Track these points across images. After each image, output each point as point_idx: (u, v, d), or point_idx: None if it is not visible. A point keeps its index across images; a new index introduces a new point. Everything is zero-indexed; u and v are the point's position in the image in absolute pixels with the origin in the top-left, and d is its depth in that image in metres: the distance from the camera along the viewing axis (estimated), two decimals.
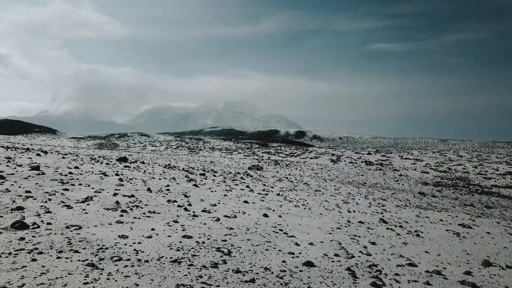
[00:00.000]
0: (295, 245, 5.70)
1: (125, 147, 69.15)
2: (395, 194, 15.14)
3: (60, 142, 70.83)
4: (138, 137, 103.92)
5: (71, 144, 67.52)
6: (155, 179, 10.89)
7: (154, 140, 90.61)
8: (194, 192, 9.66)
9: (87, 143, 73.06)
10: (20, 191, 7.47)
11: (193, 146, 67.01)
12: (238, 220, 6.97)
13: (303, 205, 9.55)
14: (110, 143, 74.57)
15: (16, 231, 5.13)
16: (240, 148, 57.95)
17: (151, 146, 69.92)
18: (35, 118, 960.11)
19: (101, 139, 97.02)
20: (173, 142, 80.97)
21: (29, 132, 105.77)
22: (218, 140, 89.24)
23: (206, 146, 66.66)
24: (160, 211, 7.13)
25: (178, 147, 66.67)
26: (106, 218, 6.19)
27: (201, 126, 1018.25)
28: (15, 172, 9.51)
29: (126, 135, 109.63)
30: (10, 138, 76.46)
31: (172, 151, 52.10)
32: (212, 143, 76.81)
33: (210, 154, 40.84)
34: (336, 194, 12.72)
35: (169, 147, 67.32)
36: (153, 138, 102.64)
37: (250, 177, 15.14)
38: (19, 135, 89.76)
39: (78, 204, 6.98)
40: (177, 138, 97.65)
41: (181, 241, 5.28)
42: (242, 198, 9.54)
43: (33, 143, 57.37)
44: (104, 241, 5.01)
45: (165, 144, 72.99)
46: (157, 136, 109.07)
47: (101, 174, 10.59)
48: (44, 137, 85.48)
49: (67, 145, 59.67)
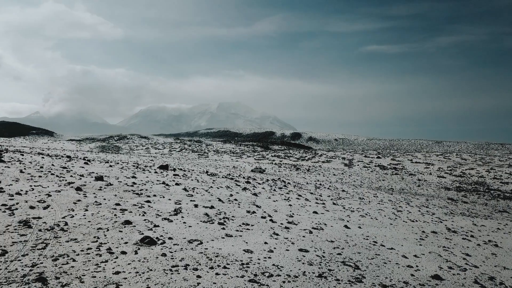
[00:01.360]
0: (403, 258, 6.00)
1: (128, 149, 68.94)
2: (429, 201, 15.51)
3: (62, 145, 70.38)
4: (138, 140, 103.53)
5: (73, 147, 67.13)
6: (213, 188, 11.13)
7: (154, 143, 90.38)
8: (260, 201, 9.92)
9: (89, 146, 72.66)
10: (111, 204, 7.68)
11: (197, 149, 67.03)
12: (327, 232, 7.25)
13: (367, 215, 9.84)
14: (112, 146, 74.23)
15: (149, 247, 5.37)
16: (246, 151, 58.15)
17: (154, 149, 69.78)
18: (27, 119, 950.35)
19: (101, 141, 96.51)
20: (174, 144, 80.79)
21: (26, 134, 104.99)
22: (219, 143, 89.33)
23: (210, 149, 66.74)
24: (250, 223, 7.38)
25: (182, 149, 66.64)
26: (213, 232, 6.43)
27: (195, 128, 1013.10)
28: (84, 183, 9.70)
29: (126, 137, 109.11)
30: (11, 140, 75.88)
31: (177, 154, 52.13)
32: (215, 145, 76.86)
33: (221, 158, 41.01)
34: (383, 202, 13.04)
35: (173, 149, 67.25)
36: (153, 140, 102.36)
37: (289, 184, 15.43)
38: (17, 138, 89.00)
39: (173, 216, 7.22)
40: (176, 141, 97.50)
41: (304, 255, 5.56)
42: (307, 208, 9.81)
43: (37, 146, 57.06)
44: (236, 255, 5.26)
45: (168, 147, 72.88)
46: (156, 138, 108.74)
47: (161, 184, 10.80)
48: (44, 140, 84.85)
49: (71, 149, 59.42)
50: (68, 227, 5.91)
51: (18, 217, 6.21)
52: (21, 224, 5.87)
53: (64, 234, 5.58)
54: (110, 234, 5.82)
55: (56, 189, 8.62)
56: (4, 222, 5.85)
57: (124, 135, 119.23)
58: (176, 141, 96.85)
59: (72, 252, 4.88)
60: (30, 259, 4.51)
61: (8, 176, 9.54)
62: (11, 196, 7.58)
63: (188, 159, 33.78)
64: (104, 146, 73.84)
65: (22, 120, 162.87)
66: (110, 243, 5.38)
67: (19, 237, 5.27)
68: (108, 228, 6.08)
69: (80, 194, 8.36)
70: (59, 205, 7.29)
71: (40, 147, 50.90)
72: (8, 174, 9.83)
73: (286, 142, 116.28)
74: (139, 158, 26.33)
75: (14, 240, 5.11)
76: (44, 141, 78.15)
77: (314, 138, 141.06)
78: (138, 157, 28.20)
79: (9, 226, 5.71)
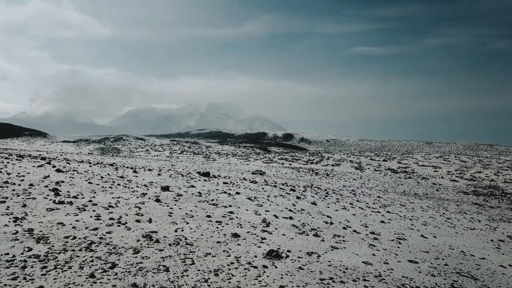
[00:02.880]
0: (502, 267, 6.49)
1: (128, 152, 68.65)
2: (460, 206, 16.13)
3: (61, 147, 69.77)
4: (134, 141, 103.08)
5: (72, 149, 66.61)
6: (271, 197, 11.51)
7: (151, 144, 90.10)
8: (324, 211, 10.33)
9: (88, 148, 72.15)
10: (202, 216, 8.01)
11: (198, 151, 67.08)
12: (413, 242, 7.70)
13: (426, 223, 10.27)
14: (111, 148, 73.83)
15: (279, 260, 5.75)
16: (249, 154, 58.46)
17: (154, 151, 69.56)
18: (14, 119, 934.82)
19: (97, 143, 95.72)
20: (172, 146, 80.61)
21: (19, 135, 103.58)
22: (216, 144, 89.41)
23: (212, 151, 66.88)
24: (339, 234, 7.79)
25: (183, 152, 66.61)
26: (317, 244, 6.82)
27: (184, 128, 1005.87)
28: (157, 194, 10.00)
29: (121, 138, 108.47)
30: (8, 142, 75.00)
31: (183, 156, 52.20)
32: (214, 147, 77.04)
33: (229, 161, 41.32)
34: (425, 209, 13.57)
35: (173, 152, 67.18)
36: (149, 141, 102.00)
37: (325, 190, 15.89)
38: (13, 139, 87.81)
39: (267, 228, 7.57)
40: (173, 142, 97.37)
41: (418, 266, 6.00)
42: (369, 217, 10.23)
43: (39, 149, 56.51)
44: (362, 267, 5.67)
45: (168, 149, 72.75)
46: (152, 140, 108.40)
47: (223, 193, 11.12)
48: (41, 142, 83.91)
49: (71, 151, 59.02)
50: (190, 241, 6.25)
51: (136, 231, 6.52)
52: (147, 238, 6.19)
53: (195, 248, 5.92)
54: (231, 247, 6.18)
55: (140, 201, 8.91)
56: (131, 237, 6.16)
57: (120, 136, 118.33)
58: (172, 142, 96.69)
59: (221, 266, 5.24)
60: (195, 274, 4.87)
61: (83, 188, 9.80)
62: (107, 208, 7.87)
63: (199, 163, 33.99)
64: (103, 148, 73.41)
65: (8, 121, 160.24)
66: (242, 256, 5.75)
67: (159, 252, 5.60)
68: (225, 242, 6.43)
69: (164, 206, 8.67)
70: (158, 217, 7.61)
71: (45, 150, 50.51)
72: (80, 185, 10.08)
73: (280, 143, 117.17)
74: (154, 162, 26.50)
75: (160, 255, 5.44)
76: (42, 143, 77.35)
77: (306, 139, 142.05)
78: (147, 161, 28.34)
79: (139, 241, 6.03)
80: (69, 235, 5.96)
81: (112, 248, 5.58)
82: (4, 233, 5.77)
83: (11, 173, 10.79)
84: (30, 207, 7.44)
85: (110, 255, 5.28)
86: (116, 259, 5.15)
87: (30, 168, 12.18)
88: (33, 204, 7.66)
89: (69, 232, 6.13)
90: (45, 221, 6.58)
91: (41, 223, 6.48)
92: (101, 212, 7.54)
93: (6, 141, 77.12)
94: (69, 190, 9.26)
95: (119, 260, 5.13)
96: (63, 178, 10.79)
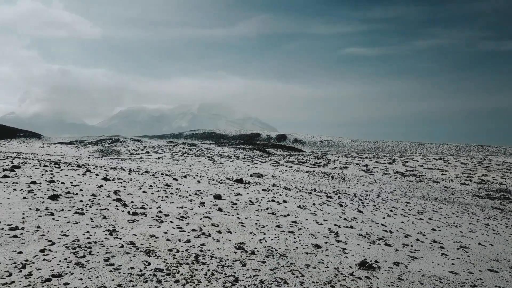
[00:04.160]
0: None
1: (128, 154, 68.53)
2: (485, 211, 16.63)
3: (60, 149, 69.26)
4: (132, 143, 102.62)
5: (72, 151, 66.19)
6: (316, 204, 11.86)
7: (149, 146, 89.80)
8: (374, 219, 10.70)
9: (87, 150, 71.70)
10: (273, 226, 8.32)
11: (199, 153, 67.19)
12: (478, 252, 8.05)
13: (471, 230, 10.76)
14: (111, 150, 73.47)
15: (373, 270, 6.07)
16: (251, 156, 58.78)
17: (154, 153, 69.48)
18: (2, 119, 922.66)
19: (94, 144, 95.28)
20: (172, 148, 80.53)
21: (14, 136, 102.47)
22: (214, 145, 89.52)
23: (213, 153, 67.06)
24: (408, 243, 8.15)
25: (184, 154, 66.67)
26: (395, 253, 7.16)
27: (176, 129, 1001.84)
28: (214, 202, 10.28)
29: (118, 140, 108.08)
30: (6, 144, 74.20)
31: (189, 159, 52.27)
32: (214, 149, 77.15)
33: (235, 164, 41.56)
34: (455, 215, 14.04)
35: (174, 154, 67.21)
36: (146, 143, 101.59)
37: (354, 196, 16.30)
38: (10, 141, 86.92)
39: (338, 238, 7.91)
40: (171, 144, 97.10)
41: (501, 276, 6.37)
42: (416, 224, 10.66)
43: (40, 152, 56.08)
44: (458, 278, 6.02)
45: (168, 151, 72.75)
46: (149, 142, 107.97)
47: (272, 201, 11.43)
48: (38, 143, 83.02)
49: (71, 154, 58.91)
50: (281, 252, 6.53)
51: (226, 243, 6.77)
52: (241, 250, 6.46)
53: (291, 259, 6.20)
54: (322, 258, 6.48)
55: (205, 210, 9.16)
56: (226, 249, 6.42)
57: (116, 138, 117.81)
58: (170, 144, 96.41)
59: (329, 277, 5.55)
60: (314, 286, 5.17)
61: (142, 197, 10.00)
62: (181, 219, 8.12)
63: (211, 167, 34.20)
64: (103, 150, 73.04)
65: None
66: (340, 267, 6.06)
67: (263, 264, 5.88)
68: (312, 252, 6.73)
69: (229, 216, 8.93)
70: (233, 228, 7.88)
71: (46, 153, 50.26)
72: (138, 195, 10.27)
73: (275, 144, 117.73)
74: (170, 167, 26.68)
75: (268, 267, 5.73)
76: (40, 145, 76.57)
77: (300, 140, 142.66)
78: (162, 165, 28.51)
79: (236, 253, 6.30)
80: (171, 248, 6.22)
81: (219, 260, 5.85)
82: (111, 246, 6.00)
83: (64, 182, 10.96)
84: (111, 219, 7.66)
85: (223, 268, 5.55)
86: (232, 272, 5.43)
87: (76, 177, 12.35)
88: (112, 216, 7.88)
89: (167, 244, 6.38)
90: (137, 234, 6.82)
91: (134, 235, 6.72)
92: (179, 223, 7.79)
93: (4, 143, 76.32)
94: (132, 200, 9.47)
95: (235, 273, 5.41)
96: (115, 187, 10.99)
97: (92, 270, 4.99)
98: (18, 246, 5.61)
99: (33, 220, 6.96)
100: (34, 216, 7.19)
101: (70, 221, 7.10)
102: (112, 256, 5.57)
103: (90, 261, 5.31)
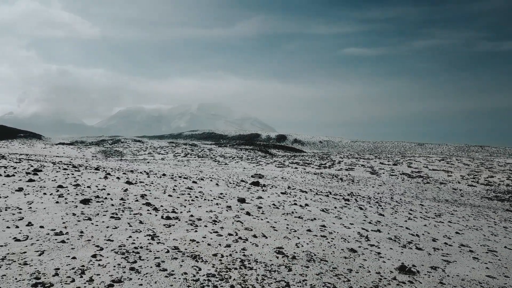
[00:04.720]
0: None
1: (131, 154, 68.63)
2: (498, 213, 16.80)
3: (63, 150, 69.28)
4: (133, 143, 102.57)
5: (75, 152, 66.21)
6: (338, 208, 12.00)
7: (151, 146, 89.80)
8: (399, 222, 10.85)
9: (90, 150, 71.75)
10: (303, 232, 8.45)
11: (202, 154, 67.29)
12: (507, 256, 8.20)
13: (495, 234, 10.90)
14: (113, 151, 73.55)
15: (413, 275, 6.21)
16: (254, 157, 58.93)
17: (157, 154, 69.53)
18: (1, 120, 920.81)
19: (96, 145, 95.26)
20: (174, 149, 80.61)
21: (14, 137, 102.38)
22: (219, 147, 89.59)
23: (216, 154, 67.18)
24: (437, 247, 8.28)
25: (187, 154, 66.72)
26: (429, 257, 7.30)
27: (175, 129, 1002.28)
28: (240, 206, 10.41)
29: (120, 140, 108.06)
30: (8, 145, 74.16)
31: (194, 161, 52.37)
32: (216, 150, 77.23)
33: (241, 165, 41.67)
34: (475, 218, 14.17)
35: (177, 154, 67.26)
36: (147, 144, 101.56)
37: (370, 199, 16.45)
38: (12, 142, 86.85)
39: (368, 242, 8.05)
40: (172, 144, 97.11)
41: None
42: (440, 228, 10.74)
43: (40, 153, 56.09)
44: (497, 282, 6.16)
45: (170, 152, 72.79)
46: (150, 142, 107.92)
47: (294, 205, 11.56)
48: (41, 144, 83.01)
49: (74, 154, 58.97)
50: (320, 257, 6.66)
51: (264, 247, 6.89)
52: (282, 255, 6.59)
53: (333, 263, 6.33)
54: (361, 262, 6.61)
55: (234, 214, 9.28)
56: (268, 253, 6.55)
57: (117, 138, 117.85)
58: (171, 144, 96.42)
59: (374, 282, 5.68)
60: None
61: (169, 201, 10.12)
62: (214, 223, 8.24)
63: (219, 168, 34.31)
64: (105, 151, 73.09)
65: None
66: (381, 272, 6.19)
67: (307, 269, 6.01)
68: (350, 256, 6.86)
69: (258, 219, 9.05)
70: (267, 232, 8.00)
71: (49, 154, 50.33)
72: (165, 199, 10.40)
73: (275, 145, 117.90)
74: (179, 169, 26.78)
75: (313, 272, 5.86)
76: (42, 146, 76.58)
77: (299, 140, 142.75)
78: (171, 166, 28.61)
79: (278, 257, 6.43)
80: (215, 252, 6.34)
81: (264, 265, 5.98)
82: (157, 251, 6.13)
83: (90, 186, 11.07)
84: (147, 223, 7.78)
85: (271, 273, 5.68)
86: (281, 277, 5.55)
87: (98, 180, 12.46)
88: (147, 220, 8.00)
89: (210, 249, 6.51)
90: (178, 238, 6.94)
91: (175, 240, 6.84)
92: (214, 228, 7.91)
93: (6, 144, 76.25)
94: (162, 204, 9.59)
95: (284, 278, 5.54)
96: (140, 191, 11.10)
97: (148, 276, 5.11)
98: (70, 251, 5.72)
99: (74, 225, 7.08)
100: (73, 221, 7.30)
101: (109, 226, 7.22)
102: (162, 261, 5.69)
103: (142, 266, 5.43)
